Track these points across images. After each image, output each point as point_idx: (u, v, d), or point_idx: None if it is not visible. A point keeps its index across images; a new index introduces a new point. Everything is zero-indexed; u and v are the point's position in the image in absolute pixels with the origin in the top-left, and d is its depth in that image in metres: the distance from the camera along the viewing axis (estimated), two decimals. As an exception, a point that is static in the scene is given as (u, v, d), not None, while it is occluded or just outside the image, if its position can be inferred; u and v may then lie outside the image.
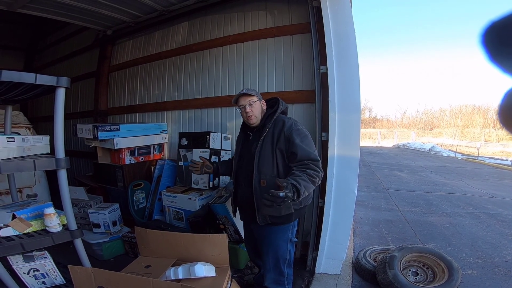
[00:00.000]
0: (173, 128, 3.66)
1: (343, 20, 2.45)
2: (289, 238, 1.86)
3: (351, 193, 2.44)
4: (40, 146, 1.91)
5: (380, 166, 10.20)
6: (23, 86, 1.62)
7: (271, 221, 1.79)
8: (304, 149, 1.70)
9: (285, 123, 1.79)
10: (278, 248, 1.84)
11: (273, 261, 1.85)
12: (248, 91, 1.87)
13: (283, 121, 1.81)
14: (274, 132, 1.79)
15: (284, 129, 1.76)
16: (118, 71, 4.30)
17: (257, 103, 1.87)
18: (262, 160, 1.78)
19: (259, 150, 1.79)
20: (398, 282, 2.20)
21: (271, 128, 1.81)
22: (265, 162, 1.78)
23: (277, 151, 1.76)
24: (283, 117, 1.87)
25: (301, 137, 1.74)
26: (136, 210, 3.24)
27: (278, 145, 1.76)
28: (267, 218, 1.79)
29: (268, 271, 1.88)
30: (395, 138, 25.38)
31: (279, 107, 1.87)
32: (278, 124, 1.81)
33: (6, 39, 5.83)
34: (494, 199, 5.68)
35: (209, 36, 3.40)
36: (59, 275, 1.83)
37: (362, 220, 4.32)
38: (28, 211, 1.78)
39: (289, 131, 1.75)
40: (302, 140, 1.73)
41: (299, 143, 1.71)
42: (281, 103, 1.90)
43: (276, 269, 1.85)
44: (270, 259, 1.86)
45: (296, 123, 1.82)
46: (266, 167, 1.78)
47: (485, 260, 2.98)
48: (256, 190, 1.78)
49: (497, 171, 9.82)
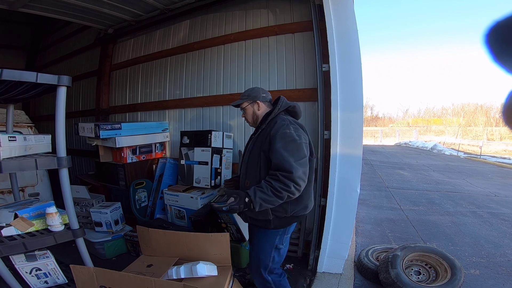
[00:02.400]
0: (175, 127, 3.66)
1: (345, 18, 2.43)
2: (275, 244, 1.72)
3: (354, 192, 2.43)
4: (42, 145, 1.91)
5: (382, 165, 10.17)
6: (24, 85, 1.62)
7: (251, 221, 1.75)
8: (281, 155, 1.52)
9: (276, 124, 1.66)
10: (261, 251, 1.74)
11: (254, 263, 1.76)
12: (241, 96, 1.88)
13: (275, 121, 1.69)
14: (264, 133, 1.69)
15: (272, 130, 1.63)
16: (119, 69, 4.30)
17: (248, 108, 1.84)
18: (250, 161, 1.73)
19: (250, 150, 1.75)
20: (401, 281, 2.19)
21: (264, 128, 1.72)
22: (252, 163, 1.72)
23: (262, 153, 1.65)
24: (280, 117, 1.72)
25: (285, 141, 1.56)
26: (138, 209, 3.25)
27: (262, 147, 1.65)
28: (247, 218, 1.75)
29: (253, 274, 1.81)
30: (397, 137, 25.29)
31: (277, 107, 1.76)
32: (271, 124, 1.70)
33: (7, 38, 5.84)
34: (497, 198, 5.65)
35: (210, 35, 3.39)
36: (61, 275, 1.84)
37: (364, 219, 4.31)
38: (30, 210, 1.78)
39: (275, 132, 1.61)
40: (285, 145, 1.54)
41: (278, 148, 1.54)
42: (279, 103, 1.78)
43: (257, 273, 1.75)
44: (252, 261, 1.80)
45: (289, 125, 1.63)
46: (251, 168, 1.71)
47: (488, 259, 2.97)
48: (242, 189, 1.72)
49: (500, 170, 9.77)
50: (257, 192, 1.49)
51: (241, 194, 1.52)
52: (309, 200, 1.74)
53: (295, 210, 1.67)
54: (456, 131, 22.85)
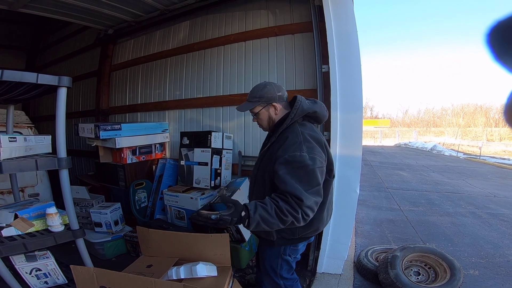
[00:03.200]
0: (175, 127, 3.66)
1: (345, 19, 2.44)
2: (280, 254, 1.59)
3: (353, 192, 2.44)
4: (42, 146, 1.91)
5: (381, 165, 10.18)
6: (24, 85, 1.62)
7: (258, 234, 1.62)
8: (288, 183, 1.29)
9: (287, 141, 1.40)
10: (267, 261, 1.65)
11: (264, 271, 1.68)
12: (250, 97, 1.57)
13: (287, 136, 1.42)
14: (273, 149, 1.45)
15: (279, 149, 1.39)
16: (119, 70, 4.31)
17: (262, 113, 1.55)
18: (258, 178, 1.55)
19: (258, 166, 1.57)
20: (400, 282, 2.19)
21: (275, 143, 1.48)
22: (258, 181, 1.55)
23: (266, 174, 1.46)
24: (294, 130, 1.44)
25: (292, 167, 1.31)
26: (138, 210, 3.25)
27: (267, 168, 1.45)
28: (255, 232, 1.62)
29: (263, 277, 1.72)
30: (396, 137, 25.33)
31: (291, 114, 1.46)
32: (281, 139, 1.45)
33: (7, 39, 5.84)
34: (496, 198, 5.66)
35: (210, 35, 3.39)
36: (61, 275, 1.84)
37: (363, 219, 4.31)
38: (30, 211, 1.79)
39: (282, 153, 1.36)
40: (293, 172, 1.30)
41: (283, 174, 1.31)
42: (295, 107, 1.47)
43: (269, 279, 1.67)
44: (262, 269, 1.71)
45: (302, 144, 1.36)
46: (259, 186, 1.54)
47: (487, 260, 2.97)
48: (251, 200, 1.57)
49: (499, 171, 9.78)
50: (258, 209, 1.25)
51: (238, 206, 1.27)
52: (321, 223, 1.56)
53: (305, 233, 1.52)
54: (456, 131, 22.89)
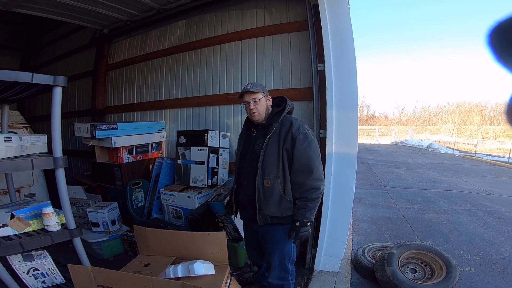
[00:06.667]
0: (171, 127, 3.65)
1: (340, 18, 2.45)
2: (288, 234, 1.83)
3: (349, 190, 2.45)
4: (38, 146, 1.91)
5: (378, 163, 10.22)
6: (19, 85, 1.61)
7: (271, 221, 1.77)
8: (307, 155, 1.70)
9: (292, 124, 1.75)
10: (284, 246, 1.83)
11: (279, 260, 1.85)
12: (254, 87, 1.81)
13: (290, 121, 1.77)
14: (281, 132, 1.75)
15: (292, 129, 1.73)
16: (115, 69, 4.28)
17: (263, 100, 1.82)
18: (267, 159, 1.74)
19: (264, 149, 1.75)
20: (397, 279, 2.21)
21: (277, 127, 1.77)
22: (269, 162, 1.74)
23: (284, 151, 1.73)
24: (290, 117, 1.84)
25: (307, 141, 1.71)
26: (135, 209, 3.24)
27: (285, 145, 1.72)
28: (267, 219, 1.77)
29: (274, 269, 1.87)
30: (393, 136, 25.45)
31: (286, 107, 1.83)
32: (286, 124, 1.77)
33: (2, 39, 5.78)
34: (491, 196, 5.71)
35: (206, 34, 3.39)
36: (58, 275, 1.83)
37: (360, 217, 4.34)
38: (26, 211, 1.78)
39: (297, 133, 1.72)
40: (307, 147, 1.70)
41: (305, 148, 1.70)
42: (288, 103, 1.86)
43: (282, 267, 1.86)
44: (275, 257, 1.85)
45: (304, 125, 1.78)
46: (271, 167, 1.74)
47: (483, 257, 3.00)
48: (259, 190, 1.75)
49: (494, 168, 9.87)
50: (307, 216, 1.70)
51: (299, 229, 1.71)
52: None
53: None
54: (452, 129, 23.04)
